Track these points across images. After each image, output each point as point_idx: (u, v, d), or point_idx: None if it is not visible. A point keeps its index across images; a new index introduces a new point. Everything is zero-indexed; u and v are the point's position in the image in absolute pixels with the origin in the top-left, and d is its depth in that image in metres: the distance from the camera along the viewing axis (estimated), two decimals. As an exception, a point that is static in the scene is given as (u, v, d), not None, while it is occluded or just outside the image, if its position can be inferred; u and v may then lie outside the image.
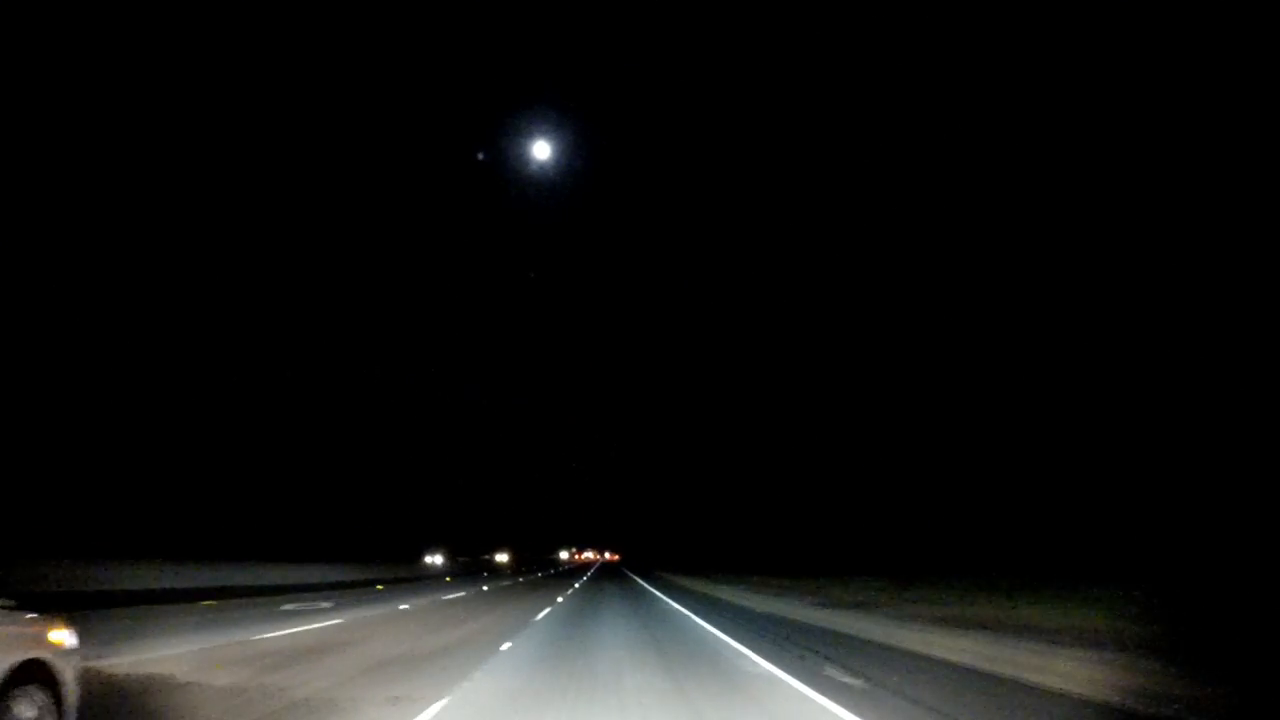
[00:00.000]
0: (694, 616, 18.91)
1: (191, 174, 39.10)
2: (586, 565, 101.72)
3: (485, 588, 33.70)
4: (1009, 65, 35.45)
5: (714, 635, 14.49)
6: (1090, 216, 30.44)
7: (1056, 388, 31.90)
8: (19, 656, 4.44)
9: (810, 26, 54.82)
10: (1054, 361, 32.41)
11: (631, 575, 60.02)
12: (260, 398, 44.94)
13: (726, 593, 28.63)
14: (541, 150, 26.08)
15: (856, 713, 7.05)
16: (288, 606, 18.64)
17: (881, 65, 51.67)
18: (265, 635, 12.29)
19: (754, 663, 10.61)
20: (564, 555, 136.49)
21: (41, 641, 4.72)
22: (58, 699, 4.72)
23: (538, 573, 63.99)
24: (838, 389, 56.11)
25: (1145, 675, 7.85)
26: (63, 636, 4.94)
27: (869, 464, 50.06)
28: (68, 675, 4.85)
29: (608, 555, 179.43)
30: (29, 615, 4.81)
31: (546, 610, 20.28)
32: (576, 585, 38.71)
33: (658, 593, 31.69)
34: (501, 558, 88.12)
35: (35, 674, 4.57)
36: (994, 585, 20.18)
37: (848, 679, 8.98)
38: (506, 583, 40.70)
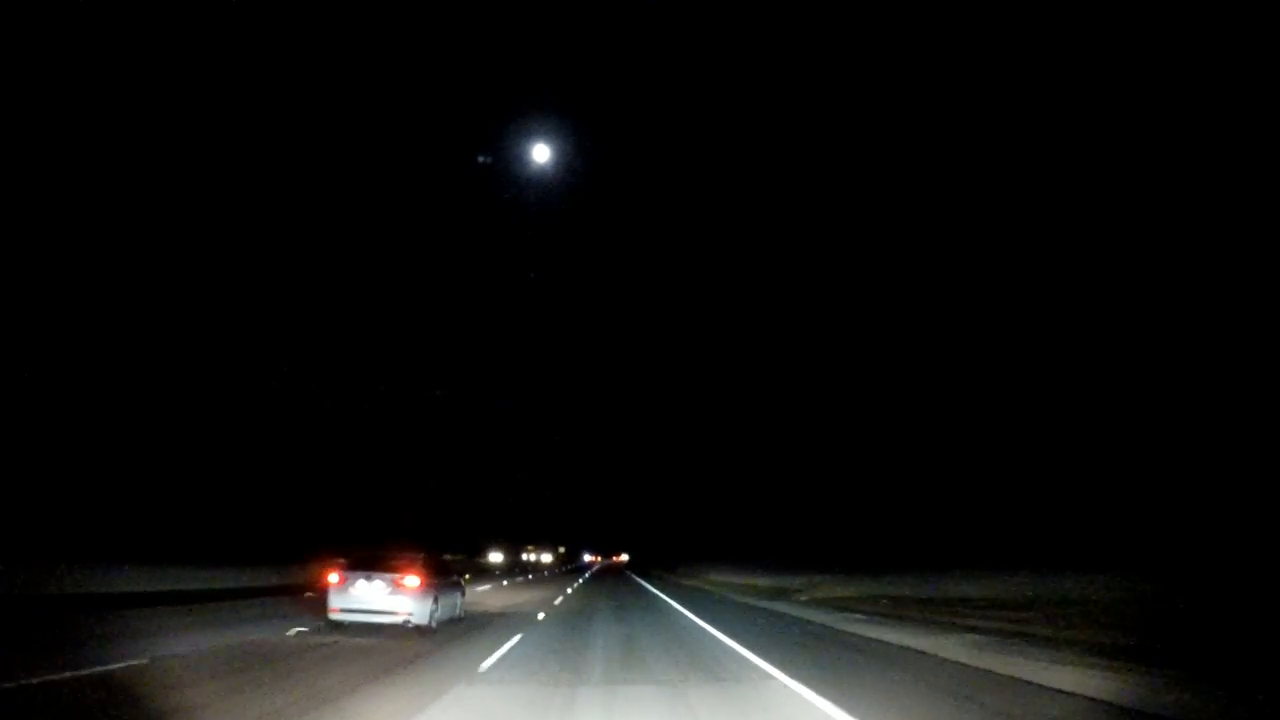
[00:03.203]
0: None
1: (191, 178, 39.12)
2: (580, 570, 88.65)
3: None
4: (1006, 65, 37.16)
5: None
6: (1087, 214, 31.89)
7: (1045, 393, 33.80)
8: (460, 585, 18.39)
9: (807, 28, 55.67)
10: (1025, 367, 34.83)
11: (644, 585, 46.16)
12: (255, 400, 47.75)
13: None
14: (541, 153, 27.08)
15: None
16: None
17: (878, 67, 52.98)
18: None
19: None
20: (495, 558, 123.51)
21: (462, 580, 18.63)
22: (463, 595, 18.62)
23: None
24: (835, 388, 59.57)
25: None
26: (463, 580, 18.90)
27: (872, 458, 52.36)
28: (465, 589, 18.79)
29: (614, 558, 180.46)
30: (463, 575, 18.85)
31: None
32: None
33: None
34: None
35: (461, 586, 18.52)
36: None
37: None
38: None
